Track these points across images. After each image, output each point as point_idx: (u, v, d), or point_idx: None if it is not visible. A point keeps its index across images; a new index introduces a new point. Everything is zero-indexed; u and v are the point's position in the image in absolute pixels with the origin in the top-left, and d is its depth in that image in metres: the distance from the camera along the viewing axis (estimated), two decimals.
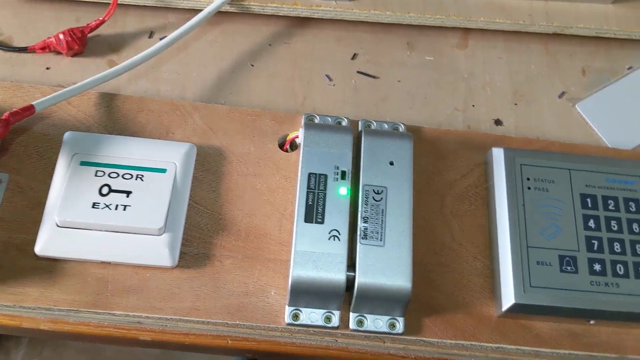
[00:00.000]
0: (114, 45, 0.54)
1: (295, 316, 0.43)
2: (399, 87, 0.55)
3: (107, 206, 0.43)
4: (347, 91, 0.54)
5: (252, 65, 0.55)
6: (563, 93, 0.56)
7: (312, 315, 0.43)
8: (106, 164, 0.45)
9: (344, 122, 0.49)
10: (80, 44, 0.52)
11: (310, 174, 0.44)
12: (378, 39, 0.57)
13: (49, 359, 1.06)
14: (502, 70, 0.56)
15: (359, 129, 0.49)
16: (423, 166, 0.49)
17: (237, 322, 0.43)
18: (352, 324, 0.43)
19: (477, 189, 0.49)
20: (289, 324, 0.43)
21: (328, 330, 0.44)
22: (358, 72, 0.55)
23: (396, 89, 0.55)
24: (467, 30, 0.58)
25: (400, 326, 0.43)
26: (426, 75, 0.56)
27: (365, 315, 0.44)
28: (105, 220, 0.43)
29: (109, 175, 0.44)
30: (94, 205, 0.43)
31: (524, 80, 0.56)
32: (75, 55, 0.53)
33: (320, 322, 0.43)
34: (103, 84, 0.49)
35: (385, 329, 0.43)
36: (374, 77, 0.55)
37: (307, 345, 0.44)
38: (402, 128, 0.49)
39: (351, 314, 0.44)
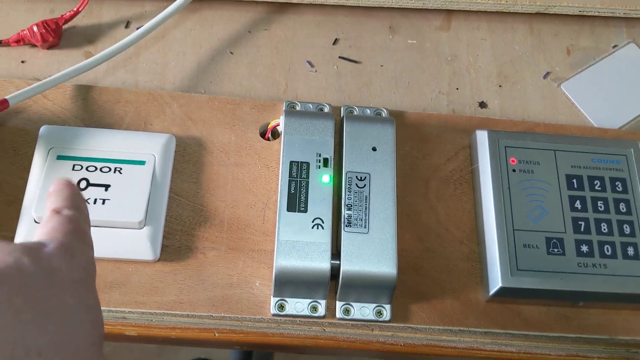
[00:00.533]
0: (90, 36, 0.53)
1: (281, 307, 0.43)
2: (382, 71, 0.54)
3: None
4: (330, 77, 0.53)
5: (232, 53, 0.54)
6: (548, 73, 0.55)
7: (297, 305, 0.43)
8: (84, 157, 0.44)
9: (326, 109, 0.48)
10: (55, 35, 0.51)
11: (292, 162, 0.44)
12: (359, 23, 0.56)
13: None
14: (485, 51, 0.56)
15: (341, 115, 0.48)
16: (407, 151, 0.49)
17: (223, 315, 0.43)
18: (338, 313, 0.43)
19: (462, 173, 0.48)
20: (274, 315, 0.43)
21: (315, 320, 0.43)
22: (340, 57, 0.54)
23: (379, 74, 0.54)
24: (449, 12, 0.57)
25: (387, 313, 0.43)
26: (409, 59, 0.55)
27: (351, 303, 0.43)
28: None
29: (86, 169, 0.43)
30: None
31: (508, 62, 0.55)
32: (50, 47, 0.52)
33: (307, 312, 0.43)
34: (80, 76, 0.48)
35: (372, 316, 0.43)
36: (356, 62, 0.54)
37: (295, 335, 0.44)
38: (384, 113, 0.48)
39: (337, 302, 0.43)
